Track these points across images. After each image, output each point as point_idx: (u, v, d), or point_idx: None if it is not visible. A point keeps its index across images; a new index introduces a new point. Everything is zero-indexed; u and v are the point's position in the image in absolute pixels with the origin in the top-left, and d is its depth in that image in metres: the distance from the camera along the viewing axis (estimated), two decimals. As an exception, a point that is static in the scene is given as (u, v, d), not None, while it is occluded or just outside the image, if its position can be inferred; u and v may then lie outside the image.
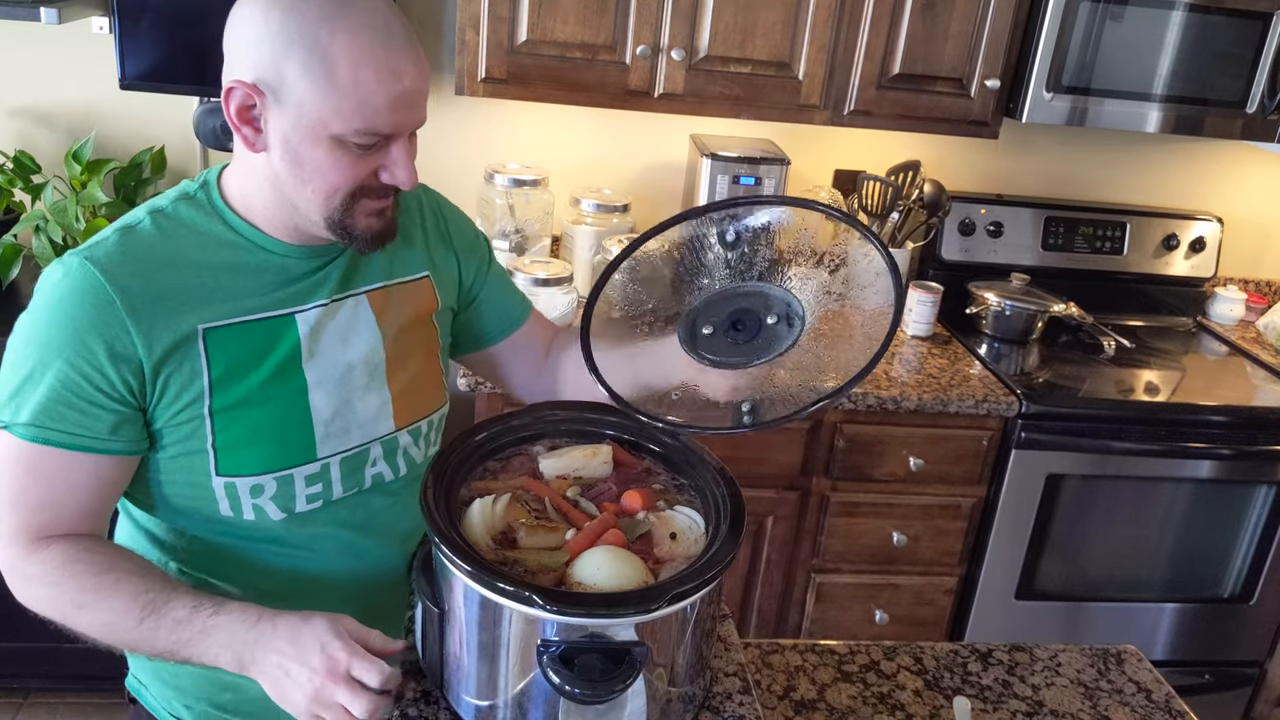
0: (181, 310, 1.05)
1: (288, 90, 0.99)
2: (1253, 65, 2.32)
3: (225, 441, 1.08)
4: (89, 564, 1.04)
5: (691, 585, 0.92)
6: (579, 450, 1.13)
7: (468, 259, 1.32)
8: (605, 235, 2.37)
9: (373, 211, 1.08)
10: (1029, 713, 1.33)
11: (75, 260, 1.03)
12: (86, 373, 1.02)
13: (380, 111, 1.00)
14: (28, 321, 1.04)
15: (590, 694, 0.89)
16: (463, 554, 0.92)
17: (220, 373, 1.07)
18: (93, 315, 1.01)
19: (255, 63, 1.00)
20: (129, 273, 1.04)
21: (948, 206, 2.56)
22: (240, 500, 1.11)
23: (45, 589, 1.05)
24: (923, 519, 2.32)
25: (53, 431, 1.02)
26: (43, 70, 2.38)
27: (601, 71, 2.18)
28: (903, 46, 2.25)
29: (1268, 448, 2.34)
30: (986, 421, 2.25)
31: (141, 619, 1.01)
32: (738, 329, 1.05)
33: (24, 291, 2.26)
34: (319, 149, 1.02)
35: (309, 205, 1.06)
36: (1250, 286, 2.94)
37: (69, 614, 1.04)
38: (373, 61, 0.98)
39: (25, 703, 2.44)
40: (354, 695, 0.92)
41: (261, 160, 1.05)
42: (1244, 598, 2.50)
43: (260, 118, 1.02)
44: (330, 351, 1.14)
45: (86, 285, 1.02)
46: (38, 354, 1.02)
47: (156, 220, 1.09)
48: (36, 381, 1.02)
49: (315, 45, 0.98)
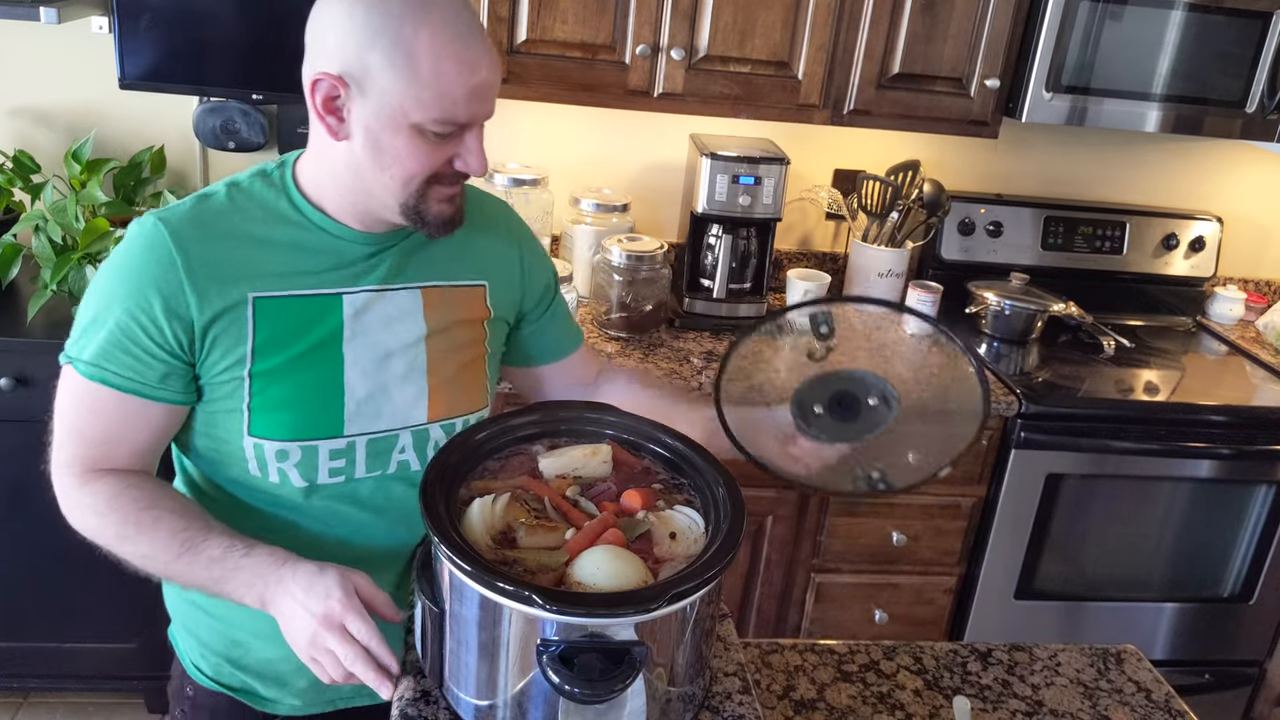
0: (236, 278, 1.12)
1: (371, 81, 1.05)
2: (1252, 65, 2.32)
3: (259, 404, 1.14)
4: (133, 499, 1.12)
5: (691, 585, 0.92)
6: (578, 450, 1.13)
7: (531, 289, 1.36)
8: (605, 235, 2.37)
9: (444, 198, 1.14)
10: (1028, 712, 1.33)
11: (150, 219, 1.12)
12: (143, 323, 1.09)
13: (458, 102, 1.06)
14: (103, 269, 1.14)
15: (590, 694, 0.89)
16: (462, 553, 0.92)
17: (263, 339, 1.13)
18: (155, 272, 1.10)
19: (340, 56, 1.06)
20: (194, 238, 1.12)
21: (947, 206, 2.56)
22: (266, 462, 1.16)
23: (93, 518, 1.13)
24: (922, 518, 2.32)
25: (109, 373, 1.11)
26: (42, 70, 2.38)
27: (601, 71, 2.18)
28: (902, 46, 2.25)
29: (1267, 447, 2.34)
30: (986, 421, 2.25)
31: (179, 554, 1.08)
32: (842, 408, 1.19)
33: (24, 291, 2.26)
34: (399, 137, 1.07)
35: (386, 190, 1.11)
36: (1250, 286, 2.94)
37: (112, 543, 1.12)
38: (453, 55, 1.05)
39: (25, 702, 2.44)
40: (344, 644, 0.99)
41: (342, 148, 1.11)
42: (1244, 597, 2.50)
43: (344, 108, 1.08)
44: (372, 335, 1.19)
45: (154, 243, 1.11)
46: (104, 300, 1.11)
47: (230, 192, 1.17)
48: (100, 325, 1.10)
49: (399, 39, 1.03)
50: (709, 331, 2.40)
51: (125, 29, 2.17)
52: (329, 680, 1.01)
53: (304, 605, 1.01)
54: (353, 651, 0.98)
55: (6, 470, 2.16)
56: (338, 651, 0.99)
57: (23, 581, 2.26)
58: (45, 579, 2.25)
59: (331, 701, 1.31)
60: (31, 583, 2.26)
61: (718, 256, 2.37)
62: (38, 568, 2.24)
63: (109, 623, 2.30)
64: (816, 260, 2.74)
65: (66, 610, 2.29)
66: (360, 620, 0.99)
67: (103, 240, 2.06)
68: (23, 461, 2.18)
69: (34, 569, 2.25)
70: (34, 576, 2.26)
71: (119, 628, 2.31)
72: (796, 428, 1.19)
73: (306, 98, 1.09)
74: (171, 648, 1.37)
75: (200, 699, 1.31)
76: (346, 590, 1.01)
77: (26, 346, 2.07)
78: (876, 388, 1.20)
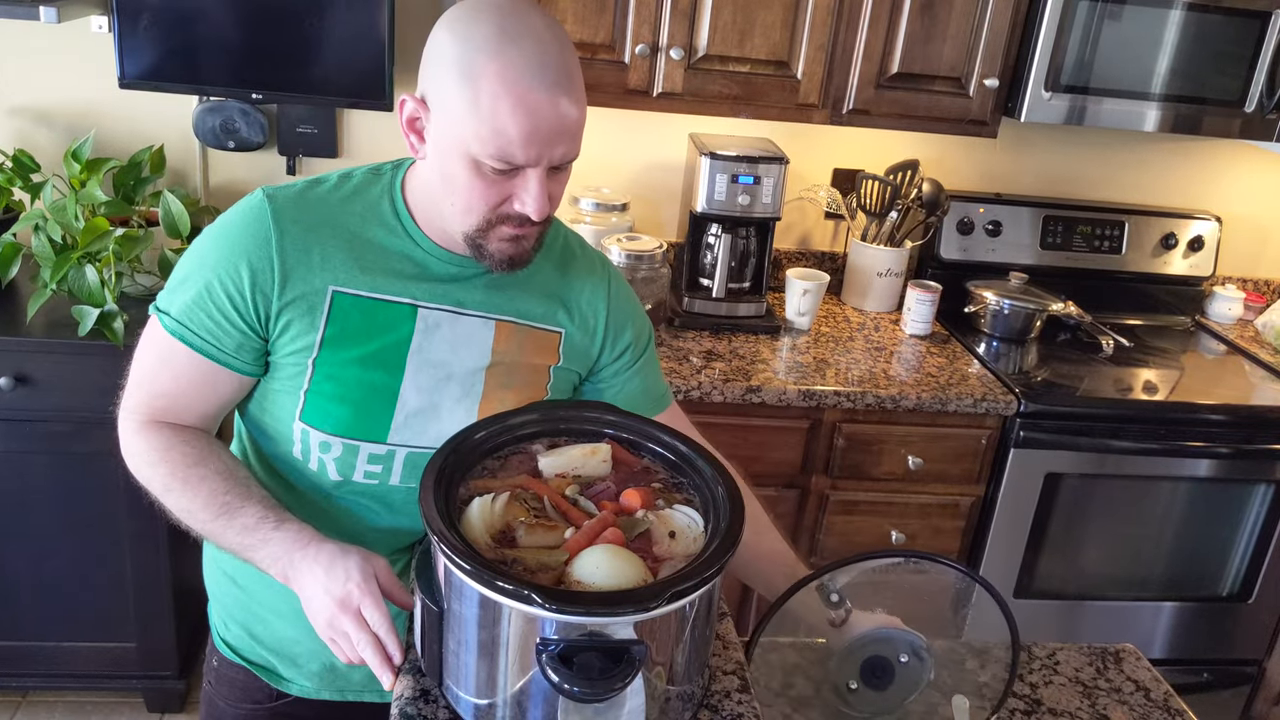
0: (322, 267, 1.14)
1: (442, 106, 1.07)
2: (1251, 64, 2.32)
3: (315, 392, 1.16)
4: (183, 454, 1.15)
5: (690, 584, 0.92)
6: (578, 449, 1.13)
7: (613, 342, 1.32)
8: (604, 234, 2.37)
9: (507, 237, 1.13)
10: (1027, 711, 1.33)
11: (260, 194, 1.16)
12: (229, 291, 1.12)
13: (514, 142, 1.05)
14: (207, 230, 1.17)
15: (589, 692, 0.89)
16: (462, 552, 0.92)
17: (333, 333, 1.15)
18: (250, 245, 1.12)
19: (425, 77, 1.09)
20: (293, 220, 1.14)
21: (946, 205, 2.56)
22: (310, 449, 1.19)
23: (145, 468, 1.16)
24: (921, 518, 2.32)
25: (188, 331, 1.13)
26: (42, 69, 2.38)
27: (600, 71, 2.18)
28: (901, 46, 2.25)
29: (1266, 446, 2.35)
30: (985, 420, 2.25)
31: (216, 516, 1.11)
32: (876, 675, 1.16)
33: (23, 291, 2.26)
34: (459, 165, 1.08)
35: (451, 216, 1.13)
36: (1249, 285, 2.94)
37: (159, 493, 1.15)
38: (514, 95, 1.03)
39: (24, 701, 2.44)
40: (358, 628, 1.00)
41: (425, 167, 1.14)
42: (1242, 596, 2.50)
43: (424, 129, 1.11)
44: (437, 354, 1.19)
45: (256, 217, 1.14)
46: (199, 261, 1.14)
47: (341, 183, 1.20)
48: (190, 284, 1.14)
49: (470, 69, 1.04)
50: (708, 331, 2.40)
51: (125, 28, 2.17)
52: (345, 660, 1.02)
53: (324, 586, 1.03)
54: (365, 637, 1.00)
55: (6, 470, 2.16)
56: (351, 634, 1.01)
57: (22, 581, 2.26)
58: (45, 579, 2.25)
59: (341, 691, 1.32)
60: (31, 583, 2.26)
61: (717, 256, 2.37)
62: (38, 568, 2.25)
63: (109, 623, 2.30)
64: (816, 260, 2.74)
65: (66, 610, 2.29)
66: (374, 606, 1.01)
67: (102, 240, 2.06)
68: (23, 461, 2.19)
69: (34, 569, 2.25)
70: (34, 576, 2.26)
71: (119, 628, 2.31)
72: (830, 710, 1.17)
73: None
74: (208, 623, 1.42)
75: (224, 670, 1.35)
76: (365, 574, 1.02)
77: (26, 346, 2.07)
78: (905, 642, 1.17)
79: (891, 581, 1.25)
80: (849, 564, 1.20)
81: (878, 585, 1.23)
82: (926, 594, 1.27)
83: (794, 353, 2.34)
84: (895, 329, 2.55)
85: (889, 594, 1.22)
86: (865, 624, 1.17)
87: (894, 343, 2.46)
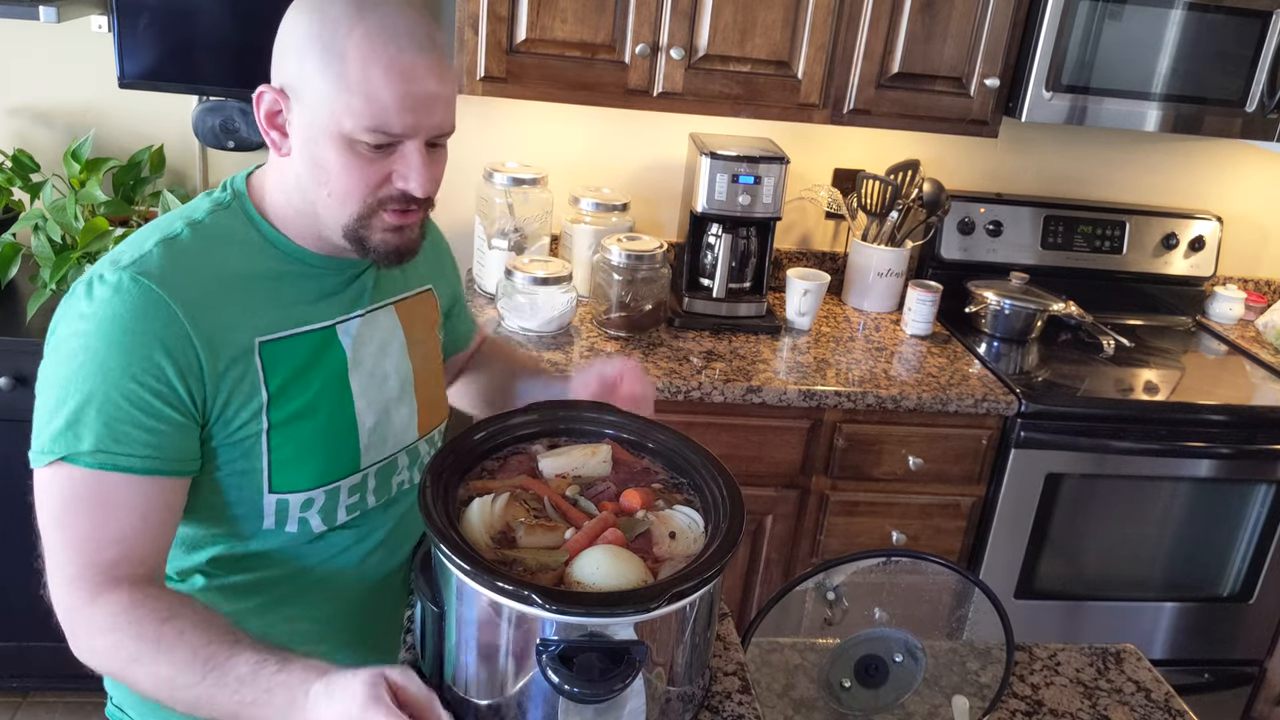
0: (238, 322, 1.04)
1: (306, 88, 1.00)
2: (1252, 64, 2.32)
3: (280, 458, 1.08)
4: (151, 610, 0.98)
5: (691, 584, 0.92)
6: (578, 449, 1.13)
7: (451, 282, 1.38)
8: (604, 234, 2.37)
9: (389, 227, 1.06)
10: (1028, 712, 1.33)
11: (124, 276, 0.99)
12: (155, 389, 0.99)
13: (388, 109, 0.99)
14: (76, 346, 1.00)
15: (589, 693, 0.89)
16: (462, 553, 0.91)
17: (278, 386, 1.07)
18: (156, 329, 0.99)
19: (281, 66, 1.03)
20: (184, 284, 1.01)
21: (947, 205, 2.56)
22: (289, 515, 1.11)
23: (102, 637, 0.99)
24: (922, 518, 2.32)
25: (120, 456, 0.99)
26: (41, 69, 2.38)
27: (600, 70, 2.17)
28: (902, 45, 2.25)
29: (1267, 446, 2.34)
30: (986, 420, 2.25)
31: (203, 675, 0.94)
32: (869, 674, 1.17)
33: (23, 291, 2.26)
34: (332, 149, 1.01)
35: (327, 210, 1.05)
36: (1249, 285, 2.94)
37: (124, 666, 0.98)
38: (384, 60, 0.98)
39: (25, 701, 2.44)
40: None
41: (289, 165, 1.06)
42: (1243, 597, 2.50)
43: (286, 121, 1.04)
44: (371, 361, 1.16)
45: (144, 300, 0.99)
46: (95, 377, 0.98)
47: (197, 231, 1.07)
48: (97, 406, 0.98)
49: (332, 42, 0.98)
50: (709, 331, 2.40)
51: (124, 28, 2.17)
52: None
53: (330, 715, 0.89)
54: None
55: (5, 470, 2.16)
56: None
57: (23, 581, 2.26)
58: (45, 580, 2.25)
59: None
60: (31, 583, 2.26)
61: (717, 256, 2.37)
62: (38, 568, 2.24)
63: (108, 622, 2.30)
64: (816, 260, 2.73)
65: (66, 610, 2.28)
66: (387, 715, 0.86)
67: (102, 239, 2.06)
68: (22, 461, 2.19)
69: (34, 569, 2.25)
70: (34, 576, 2.25)
71: (118, 627, 2.31)
72: (830, 712, 1.16)
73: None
74: None
75: None
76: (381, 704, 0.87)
77: (26, 346, 2.07)
78: (899, 642, 1.16)
79: (891, 582, 1.25)
80: (842, 563, 1.21)
81: (876, 585, 1.23)
82: (926, 594, 1.27)
83: (794, 353, 2.34)
84: (896, 329, 2.55)
85: (888, 594, 1.22)
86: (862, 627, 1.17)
87: (894, 343, 2.46)
